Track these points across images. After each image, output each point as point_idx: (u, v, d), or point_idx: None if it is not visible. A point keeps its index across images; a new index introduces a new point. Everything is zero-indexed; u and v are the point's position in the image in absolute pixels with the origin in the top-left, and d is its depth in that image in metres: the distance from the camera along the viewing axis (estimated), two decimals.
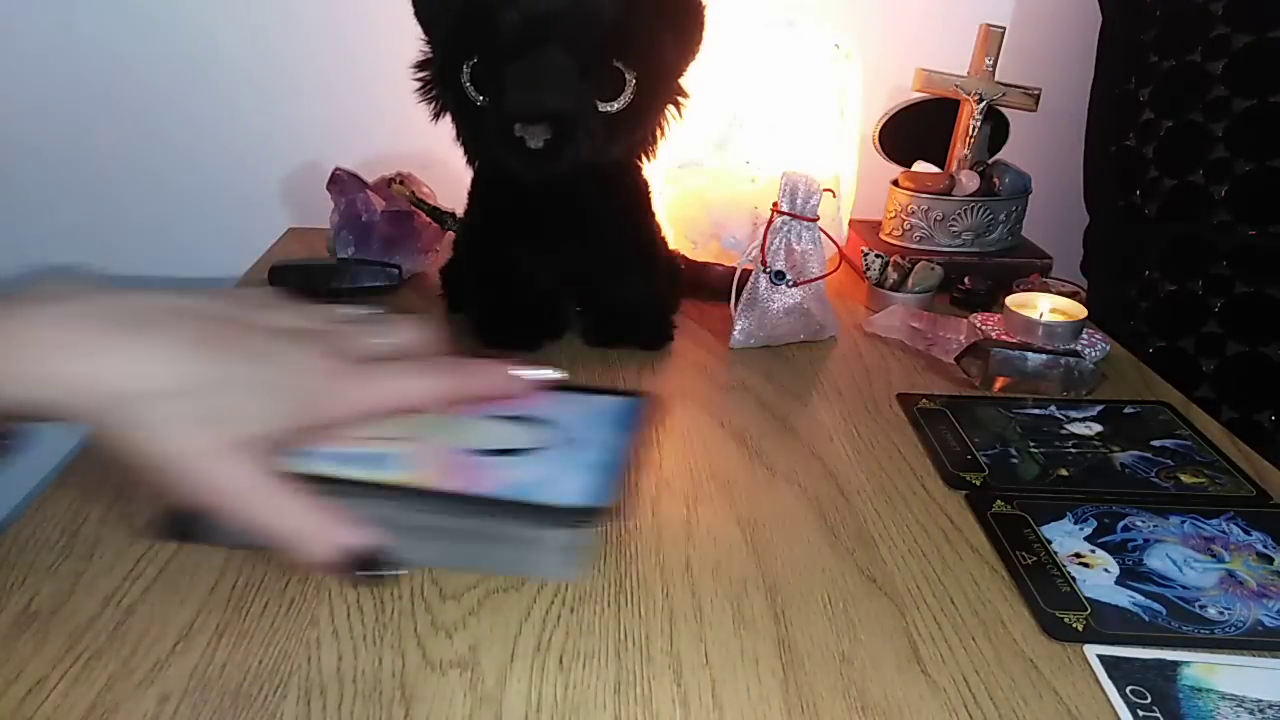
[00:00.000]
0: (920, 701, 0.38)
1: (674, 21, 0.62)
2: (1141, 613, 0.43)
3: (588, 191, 0.65)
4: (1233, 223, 0.81)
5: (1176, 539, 0.49)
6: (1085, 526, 0.49)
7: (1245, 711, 0.37)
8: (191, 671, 0.37)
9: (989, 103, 0.87)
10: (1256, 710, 0.37)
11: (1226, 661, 0.40)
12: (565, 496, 0.40)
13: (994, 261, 0.87)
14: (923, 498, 0.52)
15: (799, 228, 0.69)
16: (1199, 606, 0.44)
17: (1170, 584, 0.45)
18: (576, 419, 0.46)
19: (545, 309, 0.70)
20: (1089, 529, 0.49)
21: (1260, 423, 0.79)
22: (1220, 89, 0.80)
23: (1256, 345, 0.79)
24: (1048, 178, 0.93)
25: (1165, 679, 0.39)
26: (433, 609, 0.41)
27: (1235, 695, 0.38)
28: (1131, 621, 0.43)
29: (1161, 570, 0.46)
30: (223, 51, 0.96)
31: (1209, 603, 0.44)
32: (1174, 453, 0.58)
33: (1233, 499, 0.53)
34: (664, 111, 0.66)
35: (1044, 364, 0.65)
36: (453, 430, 0.43)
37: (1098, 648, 0.40)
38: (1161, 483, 0.54)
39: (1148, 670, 0.39)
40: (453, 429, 0.43)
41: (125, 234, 1.03)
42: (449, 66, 0.61)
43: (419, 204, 0.82)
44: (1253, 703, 0.38)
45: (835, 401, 0.64)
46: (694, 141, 0.79)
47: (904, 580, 0.45)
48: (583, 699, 0.37)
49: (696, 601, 0.43)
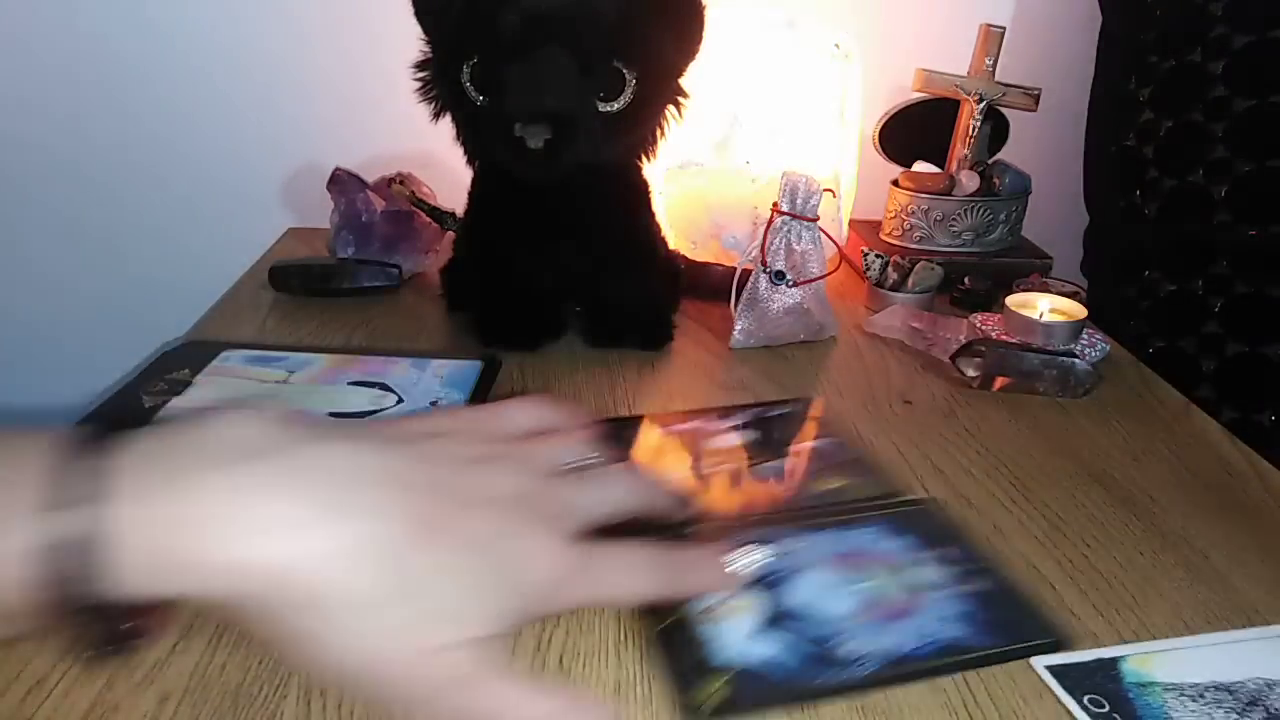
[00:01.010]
0: (920, 701, 0.37)
1: (674, 21, 0.62)
2: (776, 668, 0.38)
3: (588, 191, 0.65)
4: (1233, 223, 0.81)
5: (819, 560, 0.43)
6: None
7: (1189, 699, 0.38)
8: (191, 671, 0.37)
9: (989, 103, 0.87)
10: (1197, 695, 0.38)
11: (1156, 649, 0.40)
12: None
13: (994, 261, 0.87)
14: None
15: (799, 228, 0.69)
16: (830, 645, 0.39)
17: (808, 620, 0.40)
18: (422, 382, 0.52)
19: (545, 309, 0.70)
20: None
21: (1260, 423, 0.79)
22: (1220, 89, 0.80)
23: (1256, 345, 0.79)
24: (1048, 178, 0.93)
25: (1110, 679, 0.39)
26: None
27: (1175, 684, 0.38)
28: (767, 681, 0.37)
29: (801, 605, 0.41)
30: (223, 52, 0.96)
31: (844, 637, 0.39)
32: (820, 453, 0.54)
33: (876, 501, 0.49)
34: (664, 111, 0.66)
35: (1040, 364, 0.65)
36: (305, 396, 0.49)
37: (1045, 659, 0.40)
38: (806, 493, 0.50)
39: (1094, 674, 0.39)
40: (306, 395, 0.49)
41: (125, 234, 1.03)
42: (449, 67, 0.61)
43: (419, 204, 0.82)
44: (1190, 687, 0.38)
45: (835, 401, 0.64)
46: (694, 142, 0.79)
47: None
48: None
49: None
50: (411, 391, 0.51)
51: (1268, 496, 0.54)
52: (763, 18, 0.79)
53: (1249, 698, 0.38)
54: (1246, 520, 0.51)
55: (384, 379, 0.52)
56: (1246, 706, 0.37)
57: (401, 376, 0.52)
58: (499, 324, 0.69)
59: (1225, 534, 0.50)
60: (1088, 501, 0.53)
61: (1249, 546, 0.49)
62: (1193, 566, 0.47)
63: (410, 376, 0.53)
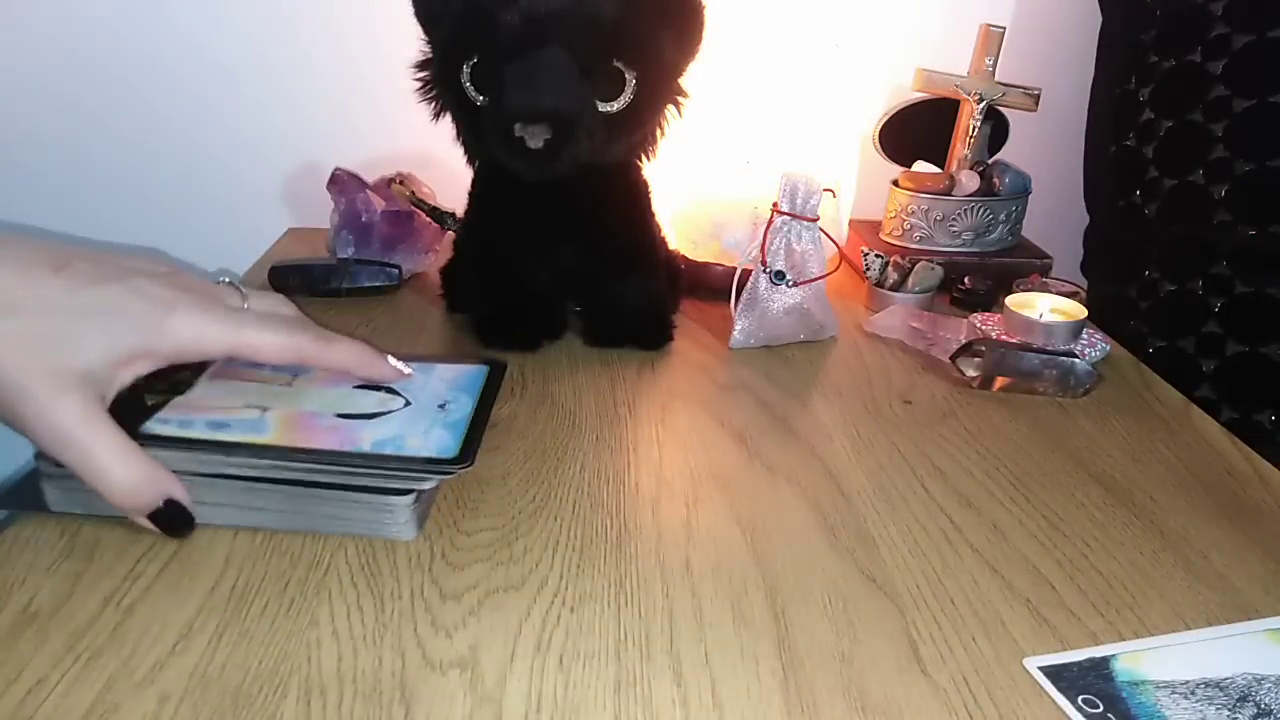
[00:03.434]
0: (920, 701, 0.37)
1: (674, 21, 0.62)
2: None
3: (587, 191, 0.65)
4: (1233, 223, 0.81)
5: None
6: None
7: (1180, 697, 0.38)
8: (191, 671, 0.37)
9: (989, 103, 0.87)
10: (1188, 693, 0.38)
11: (1146, 646, 0.41)
12: (423, 450, 0.46)
13: (994, 261, 0.87)
14: (923, 497, 0.52)
15: (799, 228, 0.69)
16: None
17: None
18: (429, 386, 0.53)
19: (545, 309, 0.70)
20: None
21: (1260, 423, 0.79)
22: (1220, 89, 0.80)
23: (1256, 345, 0.79)
24: (1048, 178, 0.93)
25: (1103, 679, 0.39)
26: (433, 609, 0.41)
27: (1167, 682, 0.38)
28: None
29: None
30: (223, 51, 0.96)
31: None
32: None
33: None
34: (664, 111, 0.66)
35: (1040, 364, 0.65)
36: (310, 398, 0.49)
37: (1037, 659, 0.40)
38: None
39: (1086, 674, 0.39)
40: (310, 397, 0.49)
41: (126, 233, 1.03)
42: (449, 66, 0.61)
43: (419, 204, 0.82)
44: (1181, 685, 0.38)
45: (835, 401, 0.64)
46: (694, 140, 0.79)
47: (904, 580, 0.45)
48: (583, 699, 0.37)
49: (696, 601, 0.43)
50: (419, 395, 0.51)
51: (1268, 496, 0.54)
52: (763, 18, 0.79)
53: (1239, 693, 0.38)
54: (1246, 520, 0.51)
55: (391, 381, 0.52)
56: (1237, 703, 0.37)
57: (408, 379, 0.52)
58: (499, 324, 0.69)
59: (1225, 534, 0.50)
60: (1088, 501, 0.53)
61: (1249, 546, 0.49)
62: (1192, 566, 0.47)
63: (417, 380, 0.53)
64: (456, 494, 0.50)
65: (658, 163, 0.69)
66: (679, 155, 0.74)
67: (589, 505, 0.50)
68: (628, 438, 0.57)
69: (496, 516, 0.48)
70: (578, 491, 0.51)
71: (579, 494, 0.51)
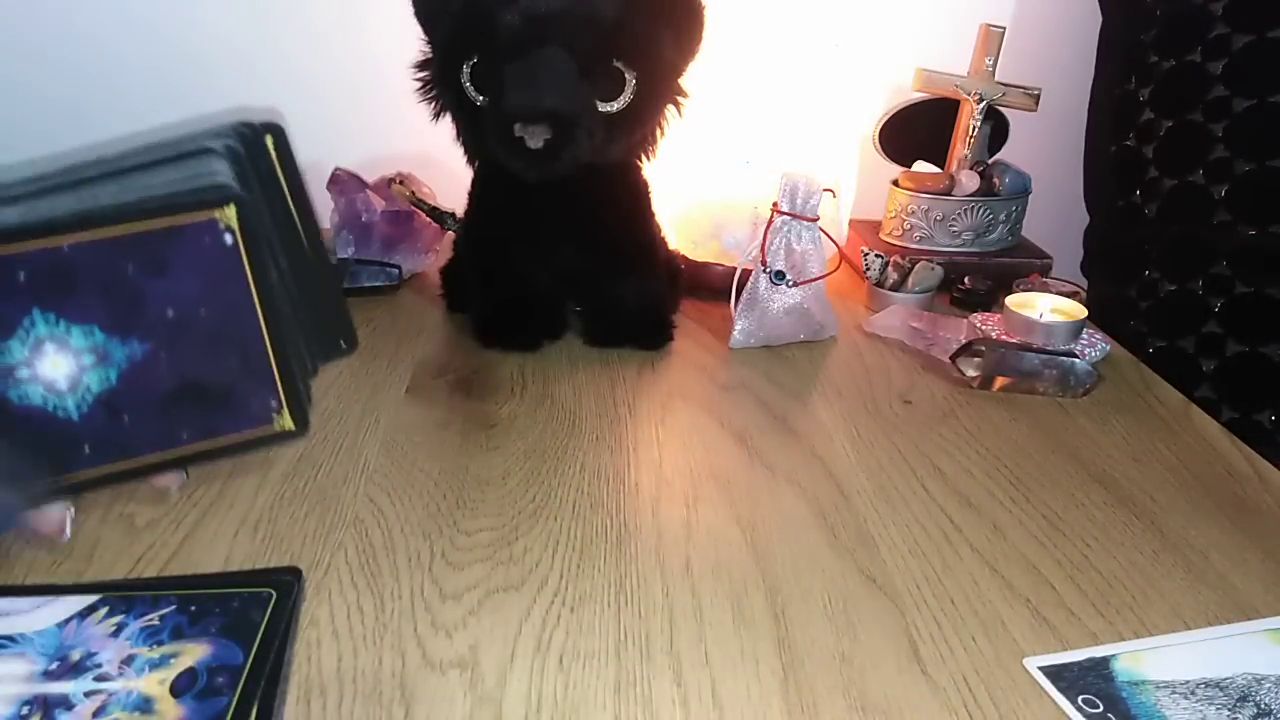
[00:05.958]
0: (920, 701, 0.37)
1: (674, 21, 0.62)
2: None
3: (587, 191, 0.65)
4: (1233, 223, 0.81)
5: None
6: None
7: (1180, 697, 0.38)
8: None
9: (989, 103, 0.88)
10: (1188, 693, 0.38)
11: (1146, 646, 0.41)
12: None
13: (994, 261, 0.87)
14: (922, 497, 0.52)
15: (799, 228, 0.69)
16: None
17: None
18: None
19: (545, 309, 0.70)
20: None
21: (1260, 423, 0.79)
22: (1220, 89, 0.80)
23: (1256, 345, 0.79)
24: (1048, 178, 0.93)
25: (1103, 679, 0.39)
26: (433, 609, 0.41)
27: (1167, 682, 0.38)
28: None
29: None
30: (223, 52, 0.96)
31: None
32: None
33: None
34: (664, 111, 0.66)
35: (1040, 364, 0.65)
36: None
37: (1037, 659, 0.40)
38: None
39: (1086, 674, 0.39)
40: None
41: None
42: (449, 66, 0.62)
43: (419, 204, 0.82)
44: (1181, 684, 0.38)
45: (835, 401, 0.64)
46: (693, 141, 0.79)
47: (904, 580, 0.45)
48: (583, 699, 0.37)
49: (696, 601, 0.43)
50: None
51: (1268, 496, 0.54)
52: (763, 18, 0.79)
53: (1239, 693, 0.38)
54: (1246, 520, 0.51)
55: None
56: (1237, 703, 0.37)
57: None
58: (499, 324, 0.69)
59: (1225, 534, 0.50)
60: (1087, 501, 0.53)
61: (1249, 546, 0.49)
62: (1193, 566, 0.47)
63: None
64: (457, 494, 0.50)
65: (658, 163, 0.70)
66: (679, 155, 0.74)
67: (589, 505, 0.50)
68: (628, 438, 0.57)
69: (496, 516, 0.48)
70: (577, 491, 0.51)
71: (579, 494, 0.51)
